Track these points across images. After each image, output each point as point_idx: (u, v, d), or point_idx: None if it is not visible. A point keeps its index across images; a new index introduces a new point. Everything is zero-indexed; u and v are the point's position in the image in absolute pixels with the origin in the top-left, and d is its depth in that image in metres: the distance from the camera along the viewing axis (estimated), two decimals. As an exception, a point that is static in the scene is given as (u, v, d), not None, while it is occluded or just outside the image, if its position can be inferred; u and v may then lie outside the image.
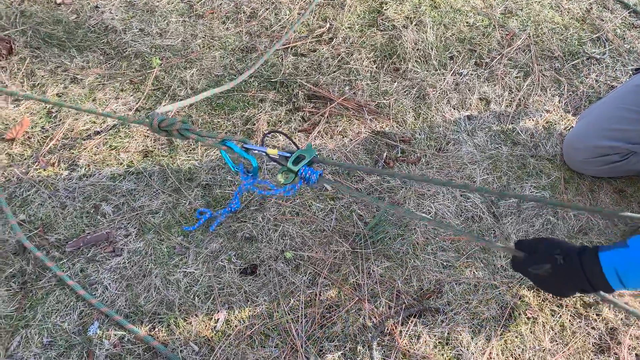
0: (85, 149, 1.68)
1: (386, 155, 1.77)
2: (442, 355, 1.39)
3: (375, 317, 1.44)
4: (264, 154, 1.22)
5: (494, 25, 2.20)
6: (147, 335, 1.34)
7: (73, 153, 1.67)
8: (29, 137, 1.69)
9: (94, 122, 1.75)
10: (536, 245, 1.03)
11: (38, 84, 1.83)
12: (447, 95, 1.96)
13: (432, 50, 2.07)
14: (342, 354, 1.37)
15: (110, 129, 1.74)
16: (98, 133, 1.72)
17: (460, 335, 1.42)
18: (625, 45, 2.19)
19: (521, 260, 1.04)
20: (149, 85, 1.87)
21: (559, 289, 1.01)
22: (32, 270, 1.43)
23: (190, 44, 2.02)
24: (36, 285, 1.41)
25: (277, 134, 1.76)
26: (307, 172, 1.18)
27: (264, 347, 1.37)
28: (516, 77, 2.05)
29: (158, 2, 2.15)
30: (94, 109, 1.77)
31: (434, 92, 1.95)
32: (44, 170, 1.62)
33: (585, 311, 1.49)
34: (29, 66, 1.87)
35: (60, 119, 1.74)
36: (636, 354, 1.42)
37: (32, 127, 1.72)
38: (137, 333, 1.34)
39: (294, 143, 1.29)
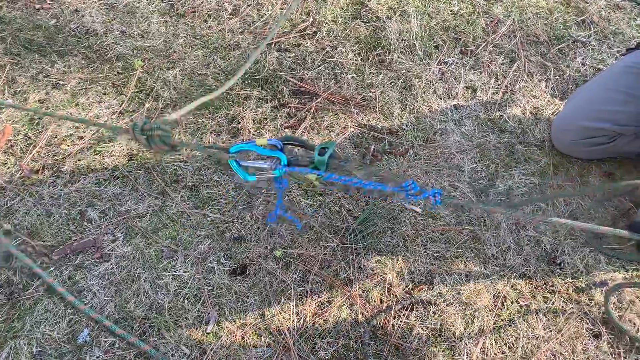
0: (69, 154, 1.66)
1: (374, 149, 1.76)
2: (436, 347, 1.38)
3: (367, 312, 1.43)
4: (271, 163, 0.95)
5: (478, 12, 2.18)
6: (138, 340, 1.33)
7: (57, 159, 1.65)
8: (11, 145, 1.68)
9: (77, 128, 1.73)
10: None
11: (20, 91, 1.81)
12: (433, 85, 1.95)
13: (416, 40, 2.06)
14: (335, 350, 1.36)
15: (94, 133, 1.72)
16: (81, 138, 1.71)
17: (453, 326, 1.41)
18: (611, 27, 2.18)
19: None
20: (132, 87, 1.85)
21: None
22: (19, 280, 1.41)
23: (172, 44, 2.00)
24: (24, 295, 1.39)
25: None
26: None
27: (256, 347, 1.36)
28: (502, 64, 2.03)
29: (139, 3, 2.12)
30: (84, 119, 1.75)
31: (419, 83, 1.94)
32: (28, 178, 1.61)
33: (578, 296, 1.48)
34: (10, 73, 1.85)
35: (43, 126, 1.72)
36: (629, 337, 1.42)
37: (14, 135, 1.70)
38: (128, 338, 1.33)
39: (306, 146, 1.00)
